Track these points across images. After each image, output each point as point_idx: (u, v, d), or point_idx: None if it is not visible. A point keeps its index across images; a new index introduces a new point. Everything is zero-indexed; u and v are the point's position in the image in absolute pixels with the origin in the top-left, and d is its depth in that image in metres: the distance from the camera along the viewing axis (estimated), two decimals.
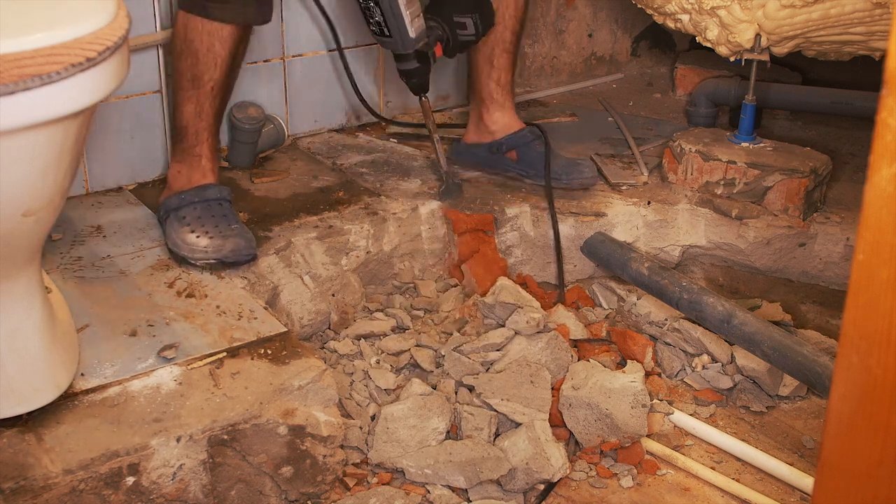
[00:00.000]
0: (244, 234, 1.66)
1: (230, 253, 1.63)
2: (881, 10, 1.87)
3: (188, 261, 1.64)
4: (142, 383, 1.35)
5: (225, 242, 1.63)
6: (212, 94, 1.72)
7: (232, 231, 1.65)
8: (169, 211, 1.70)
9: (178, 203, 1.70)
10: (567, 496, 1.46)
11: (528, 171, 1.98)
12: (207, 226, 1.66)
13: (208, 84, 1.71)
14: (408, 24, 1.77)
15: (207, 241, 1.63)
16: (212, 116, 1.74)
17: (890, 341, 0.64)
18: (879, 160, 0.62)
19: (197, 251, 1.63)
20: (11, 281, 1.19)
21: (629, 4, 2.28)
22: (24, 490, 1.16)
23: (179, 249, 1.64)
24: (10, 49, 0.96)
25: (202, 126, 1.74)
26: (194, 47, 1.68)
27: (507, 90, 2.02)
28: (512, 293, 1.71)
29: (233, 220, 1.68)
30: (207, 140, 1.75)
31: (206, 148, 1.75)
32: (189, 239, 1.64)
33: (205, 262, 1.63)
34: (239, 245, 1.63)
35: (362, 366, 1.62)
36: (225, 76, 1.72)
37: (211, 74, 1.70)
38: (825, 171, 1.93)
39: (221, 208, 1.70)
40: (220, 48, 1.68)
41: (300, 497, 1.39)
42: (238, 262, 1.64)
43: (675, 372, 1.72)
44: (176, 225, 1.67)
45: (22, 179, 1.05)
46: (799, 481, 1.47)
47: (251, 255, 1.65)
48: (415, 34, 1.79)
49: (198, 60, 1.69)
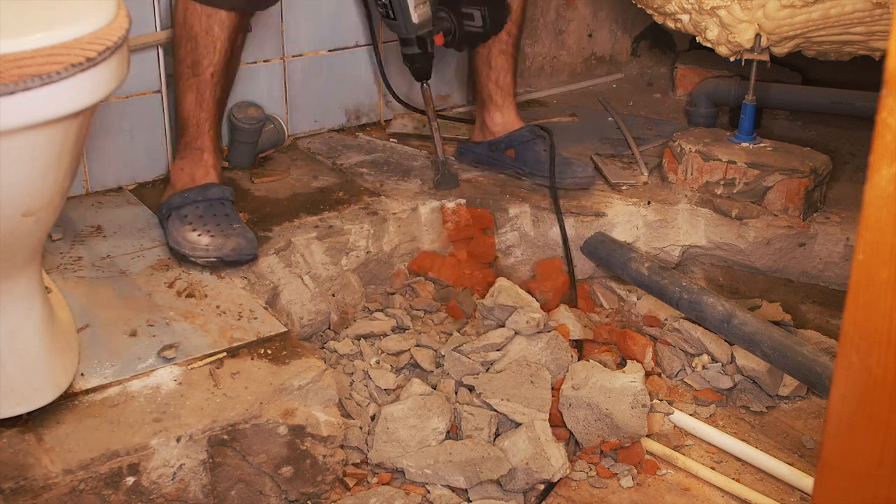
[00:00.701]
0: (245, 234, 1.66)
1: (231, 252, 1.63)
2: (881, 10, 1.87)
3: (189, 259, 1.64)
4: (142, 383, 1.35)
5: (226, 241, 1.63)
6: (212, 82, 1.72)
7: (234, 230, 1.65)
8: (171, 209, 1.70)
9: (181, 201, 1.70)
10: (567, 496, 1.46)
11: (525, 169, 1.99)
12: (209, 224, 1.66)
13: (208, 70, 1.71)
14: (411, 9, 1.84)
15: (209, 240, 1.63)
16: (213, 106, 1.74)
17: (890, 341, 0.64)
18: (879, 160, 0.62)
19: (198, 249, 1.63)
20: (11, 281, 1.19)
21: (629, 4, 2.28)
22: (24, 490, 1.16)
23: (180, 247, 1.64)
24: (10, 49, 0.96)
25: (203, 117, 1.74)
26: (193, 32, 1.69)
27: (507, 91, 2.03)
28: (511, 295, 1.71)
29: (234, 220, 1.68)
30: (209, 132, 1.75)
31: (207, 141, 1.75)
32: (191, 237, 1.64)
33: (205, 260, 1.63)
34: (240, 244, 1.63)
35: (362, 366, 1.62)
36: (225, 62, 1.72)
37: (210, 59, 1.70)
38: (825, 171, 1.93)
39: (224, 207, 1.70)
40: (219, 31, 1.69)
41: (300, 497, 1.39)
42: (239, 261, 1.64)
43: (675, 372, 1.72)
44: (178, 223, 1.67)
45: (22, 179, 1.05)
46: (799, 481, 1.47)
47: (252, 255, 1.65)
48: (418, 20, 1.85)
49: (197, 44, 1.70)
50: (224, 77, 1.75)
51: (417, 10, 1.84)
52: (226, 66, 1.74)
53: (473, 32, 1.92)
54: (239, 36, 1.76)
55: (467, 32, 1.92)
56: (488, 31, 1.92)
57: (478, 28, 1.91)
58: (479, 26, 1.91)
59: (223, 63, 1.73)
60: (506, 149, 2.00)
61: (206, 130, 1.75)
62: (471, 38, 1.93)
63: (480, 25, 1.91)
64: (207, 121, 1.75)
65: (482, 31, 1.92)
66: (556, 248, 1.92)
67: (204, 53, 1.70)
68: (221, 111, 1.79)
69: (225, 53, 1.72)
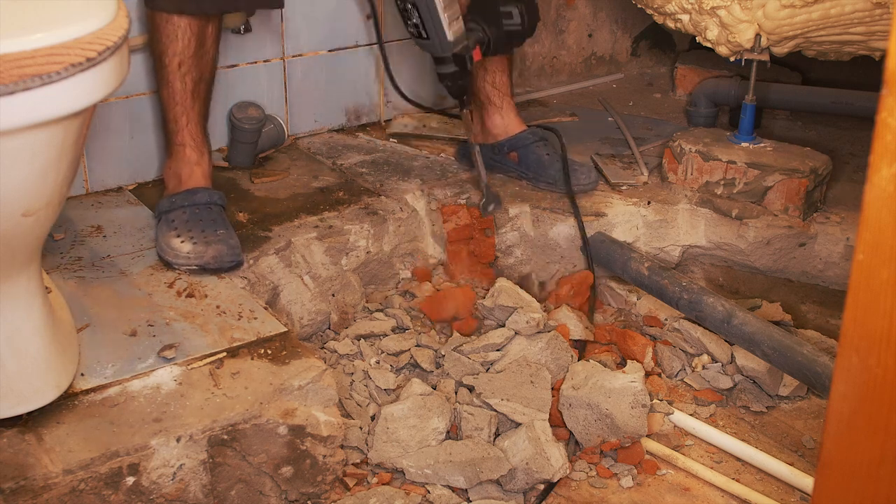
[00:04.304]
0: (228, 241, 1.63)
1: (212, 259, 1.61)
2: (881, 10, 1.87)
3: (173, 266, 1.63)
4: (142, 383, 1.35)
5: (207, 249, 1.61)
6: (180, 72, 1.70)
7: (217, 237, 1.63)
8: (161, 214, 1.70)
9: (169, 206, 1.69)
10: (567, 496, 1.46)
11: (528, 173, 1.99)
12: (193, 231, 1.64)
13: (174, 60, 1.69)
14: (445, 27, 1.74)
15: (190, 247, 1.62)
16: (186, 99, 1.71)
17: (890, 341, 0.64)
18: (879, 160, 0.62)
19: (180, 257, 1.62)
20: (11, 281, 1.19)
21: (629, 4, 2.28)
22: (24, 490, 1.16)
23: (164, 254, 1.64)
24: (10, 49, 0.96)
25: (179, 110, 1.72)
26: (155, 24, 1.69)
27: (504, 91, 2.01)
28: (511, 295, 1.71)
29: (220, 226, 1.66)
30: (188, 126, 1.73)
31: (187, 136, 1.73)
32: (174, 244, 1.63)
33: (187, 267, 1.62)
34: (221, 251, 1.61)
35: (362, 366, 1.62)
36: (191, 50, 1.69)
37: (174, 48, 1.68)
38: (825, 171, 1.93)
39: (210, 212, 1.68)
40: (178, 18, 1.67)
41: (300, 497, 1.39)
42: (220, 268, 1.62)
43: (675, 372, 1.72)
44: (164, 228, 1.67)
45: (22, 179, 1.05)
46: (799, 481, 1.47)
47: (234, 262, 1.63)
48: (453, 37, 1.75)
49: (160, 36, 1.68)
50: (195, 67, 1.71)
51: (452, 28, 1.74)
52: (194, 55, 1.70)
53: (513, 31, 1.85)
54: (209, 26, 1.71)
55: (507, 32, 1.85)
56: (526, 28, 1.87)
57: (517, 26, 1.85)
58: (518, 24, 1.84)
59: (190, 52, 1.69)
60: (508, 152, 1.99)
61: (184, 125, 1.73)
62: (509, 38, 1.87)
63: (519, 23, 1.84)
64: (184, 114, 1.72)
65: (521, 29, 1.86)
66: (557, 248, 1.93)
67: (167, 43, 1.68)
68: (200, 104, 1.75)
69: (190, 42, 1.69)
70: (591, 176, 1.96)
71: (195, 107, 1.73)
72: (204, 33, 1.71)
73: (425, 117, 2.29)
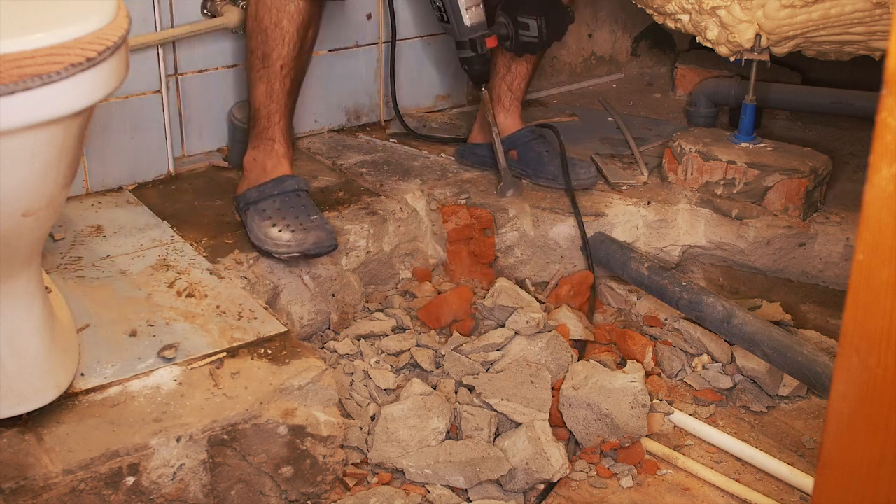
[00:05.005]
0: (324, 226, 1.68)
1: (312, 246, 1.65)
2: (881, 10, 1.87)
3: (273, 255, 1.66)
4: (142, 383, 1.35)
5: (307, 236, 1.66)
6: (281, 74, 1.75)
7: (312, 223, 1.68)
8: (248, 204, 1.73)
9: (258, 196, 1.72)
10: (567, 496, 1.46)
11: (528, 170, 1.99)
12: (288, 218, 1.68)
13: (277, 62, 1.74)
14: (463, 13, 1.83)
15: (289, 236, 1.66)
16: (283, 98, 1.77)
17: (890, 341, 0.64)
18: (879, 160, 0.62)
19: (281, 245, 1.66)
20: (11, 281, 1.19)
21: (629, 4, 2.28)
22: (24, 490, 1.16)
23: (264, 245, 1.67)
24: (10, 49, 0.96)
25: (273, 108, 1.77)
26: (263, 24, 1.73)
27: (517, 97, 2.03)
28: (511, 295, 1.71)
29: (312, 211, 1.71)
30: (279, 123, 1.78)
31: (278, 131, 1.78)
32: (272, 234, 1.66)
33: (288, 256, 1.66)
34: (320, 237, 1.66)
35: (362, 366, 1.62)
36: (294, 55, 1.75)
37: (279, 52, 1.74)
38: (825, 171, 1.93)
39: (300, 199, 1.73)
40: (288, 24, 1.72)
41: (300, 497, 1.39)
42: (320, 254, 1.68)
43: (675, 372, 1.72)
44: (257, 219, 1.69)
45: (22, 179, 1.05)
46: (799, 481, 1.47)
47: (332, 247, 1.68)
48: (470, 22, 1.84)
49: (267, 37, 1.73)
50: (294, 69, 1.77)
51: (469, 13, 1.83)
52: (296, 59, 1.76)
53: (528, 42, 1.89)
54: (310, 30, 1.79)
55: (524, 42, 1.89)
56: (545, 41, 1.89)
57: (533, 38, 1.88)
58: (535, 37, 1.88)
59: (292, 56, 1.75)
60: (508, 150, 1.99)
61: (276, 121, 1.78)
62: (526, 47, 1.91)
63: (536, 36, 1.88)
64: (278, 111, 1.77)
65: (537, 42, 1.89)
66: (557, 248, 1.93)
67: (273, 46, 1.73)
68: (292, 102, 1.81)
69: (294, 47, 1.75)
70: (591, 171, 1.96)
71: (288, 105, 1.80)
72: (305, 36, 1.77)
73: (426, 117, 2.29)
